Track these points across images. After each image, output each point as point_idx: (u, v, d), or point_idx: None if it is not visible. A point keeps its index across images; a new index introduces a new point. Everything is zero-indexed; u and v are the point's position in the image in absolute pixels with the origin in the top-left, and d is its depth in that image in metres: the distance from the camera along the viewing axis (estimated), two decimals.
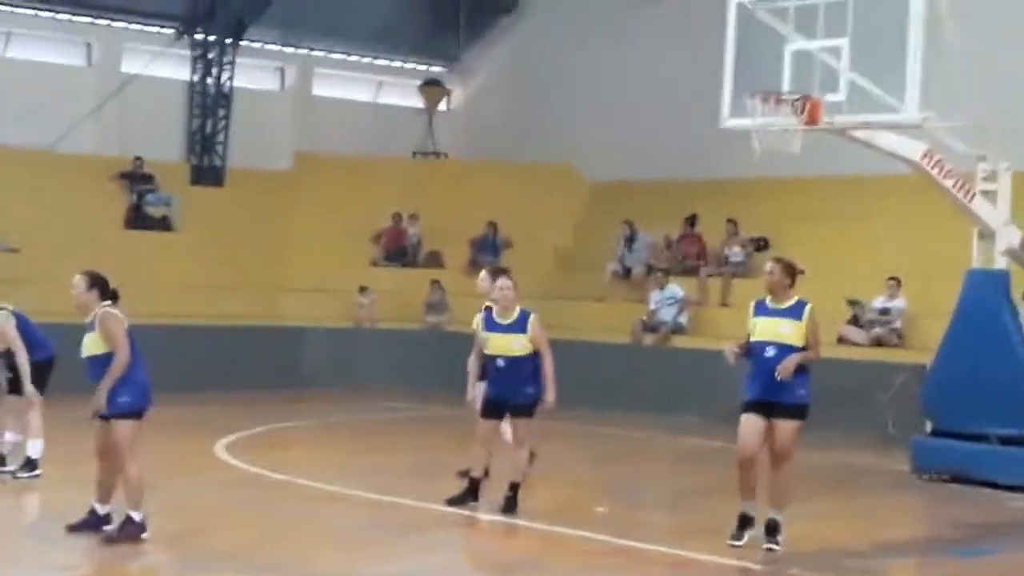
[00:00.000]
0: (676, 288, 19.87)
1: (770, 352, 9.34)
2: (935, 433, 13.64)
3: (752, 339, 9.46)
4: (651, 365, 19.21)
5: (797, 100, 11.63)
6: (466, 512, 10.65)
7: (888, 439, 15.46)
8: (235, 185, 23.39)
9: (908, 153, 12.48)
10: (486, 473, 10.88)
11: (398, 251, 23.13)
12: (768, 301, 9.55)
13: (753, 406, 9.41)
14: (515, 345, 10.53)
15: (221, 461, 13.17)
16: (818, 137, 12.62)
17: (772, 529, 9.50)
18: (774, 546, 9.44)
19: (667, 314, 19.66)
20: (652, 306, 19.80)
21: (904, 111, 11.51)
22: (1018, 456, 13.01)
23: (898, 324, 17.50)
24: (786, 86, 11.93)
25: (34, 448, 11.44)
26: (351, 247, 22.84)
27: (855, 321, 17.80)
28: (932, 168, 12.50)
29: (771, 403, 9.37)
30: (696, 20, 19.92)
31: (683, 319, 19.66)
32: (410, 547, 9.56)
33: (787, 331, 9.35)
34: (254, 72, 24.78)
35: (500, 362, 10.58)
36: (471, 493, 10.79)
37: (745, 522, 9.49)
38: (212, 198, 22.91)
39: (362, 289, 21.55)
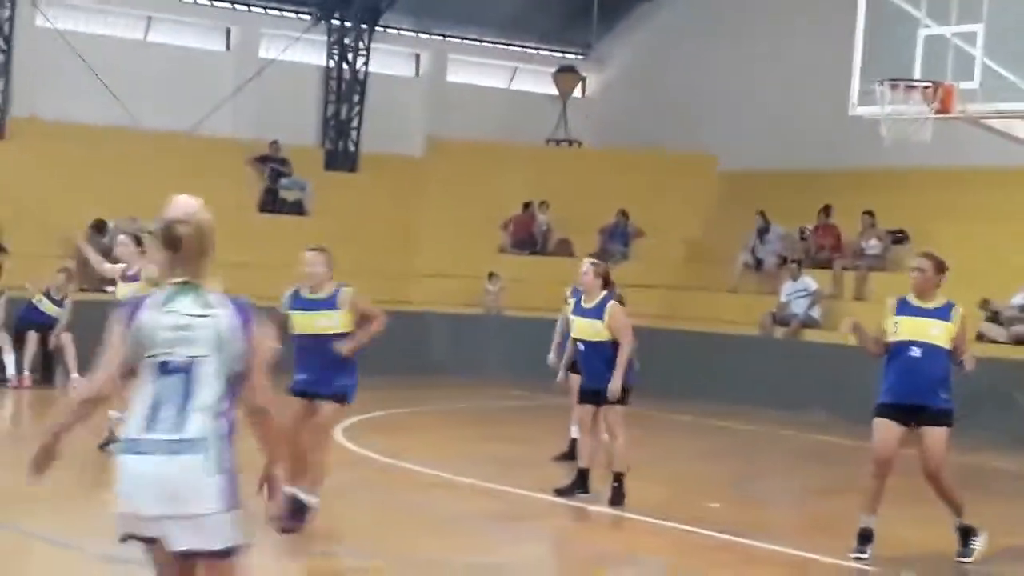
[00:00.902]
0: (809, 280, 19.44)
1: (916, 352, 8.77)
2: None
3: (894, 339, 8.85)
4: (780, 358, 18.82)
5: (928, 87, 11.22)
6: (575, 503, 10.51)
7: None
8: (368, 170, 23.57)
9: None
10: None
11: (527, 239, 23.05)
12: (912, 299, 8.99)
13: (893, 409, 8.84)
14: (594, 330, 10.43)
15: (337, 444, 13.22)
16: (957, 126, 12.20)
17: (965, 534, 9.08)
18: (969, 557, 9.01)
19: (799, 307, 19.25)
20: (783, 298, 19.41)
21: None
22: None
23: None
24: (917, 73, 11.53)
25: None
26: (480, 233, 22.84)
27: (995, 319, 17.20)
28: None
29: (917, 407, 8.80)
30: (827, 5, 19.45)
31: (815, 312, 19.23)
32: (513, 537, 9.47)
33: (936, 332, 8.80)
34: (389, 58, 24.92)
35: (580, 346, 10.59)
36: (580, 484, 10.65)
37: (866, 537, 8.94)
38: (345, 183, 23.11)
39: (491, 276, 21.53)
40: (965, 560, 9.01)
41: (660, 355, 16.84)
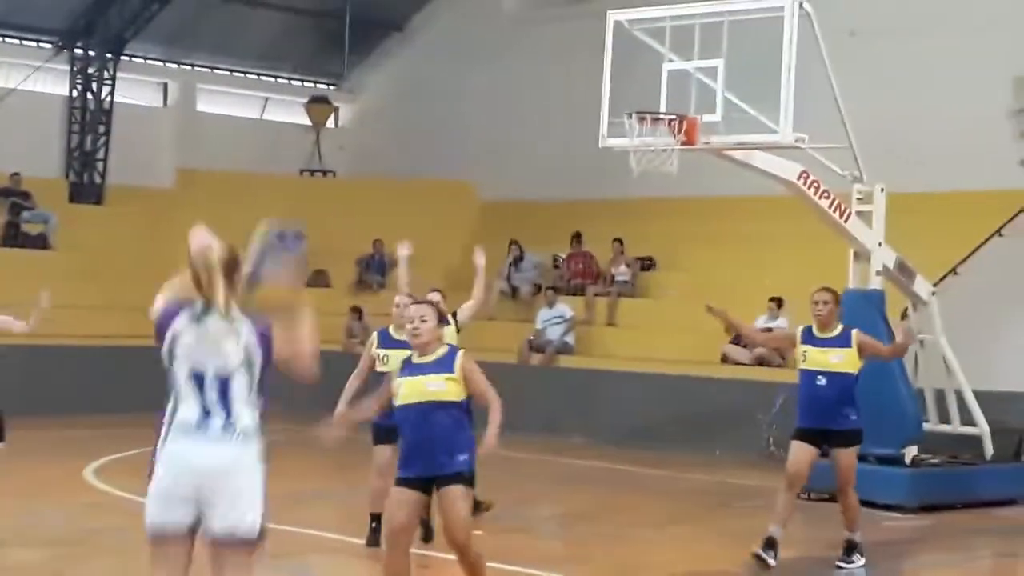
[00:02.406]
0: (564, 307, 19.84)
1: (821, 381, 9.68)
2: None
3: (803, 366, 9.79)
4: (537, 385, 19.13)
5: (673, 120, 11.64)
6: (340, 537, 10.44)
7: (770, 458, 15.52)
8: (115, 203, 22.92)
9: (784, 174, 12.54)
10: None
11: None
12: (815, 330, 9.86)
13: (805, 432, 9.73)
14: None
15: (88, 484, 12.80)
16: (701, 158, 12.67)
17: (850, 549, 9.92)
18: (848, 565, 9.84)
19: (554, 333, 19.62)
20: (539, 325, 19.75)
21: (779, 132, 11.57)
22: (895, 475, 13.13)
23: None
24: (663, 106, 11.94)
25: None
26: None
27: (738, 341, 17.88)
28: (808, 189, 12.58)
29: (824, 431, 9.67)
30: (577, 39, 19.95)
31: (570, 338, 19.63)
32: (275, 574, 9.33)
33: (837, 360, 9.69)
34: (136, 87, 24.33)
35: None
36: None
37: (771, 544, 9.57)
38: (91, 216, 22.41)
39: None
40: (844, 566, 9.90)
41: None
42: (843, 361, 9.71)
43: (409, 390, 7.23)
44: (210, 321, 5.26)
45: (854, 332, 9.84)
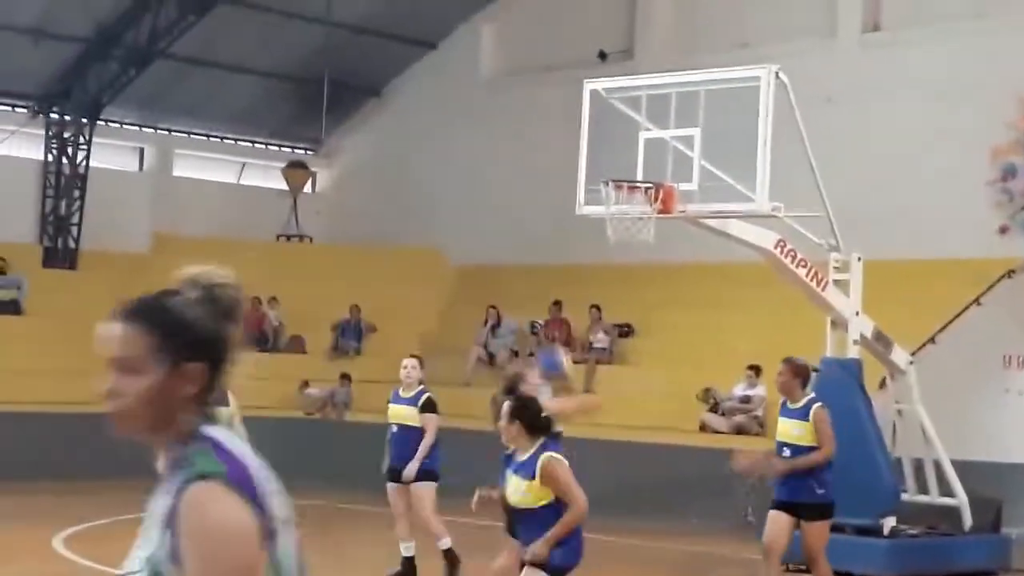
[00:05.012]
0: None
1: (786, 453, 9.81)
2: None
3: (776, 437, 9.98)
4: None
5: (650, 188, 11.62)
6: None
7: (747, 527, 15.36)
8: (89, 267, 22.76)
9: (761, 242, 12.51)
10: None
11: (258, 335, 22.65)
12: (787, 401, 9.99)
13: (779, 504, 9.90)
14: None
15: (56, 554, 12.56)
16: (678, 225, 12.63)
17: None
18: None
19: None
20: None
21: (755, 201, 11.55)
22: (873, 546, 13.00)
23: (759, 412, 17.51)
24: (640, 174, 11.92)
25: None
26: None
27: (715, 409, 17.81)
28: (785, 257, 12.54)
29: (794, 504, 9.77)
30: (554, 106, 20.02)
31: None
32: None
33: (798, 433, 9.79)
34: (112, 152, 24.26)
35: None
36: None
37: None
38: (64, 280, 22.25)
39: None
40: None
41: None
42: (803, 434, 9.74)
43: None
44: None
45: (814, 407, 9.78)
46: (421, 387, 11.83)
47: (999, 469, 16.06)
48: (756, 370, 17.55)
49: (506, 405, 7.48)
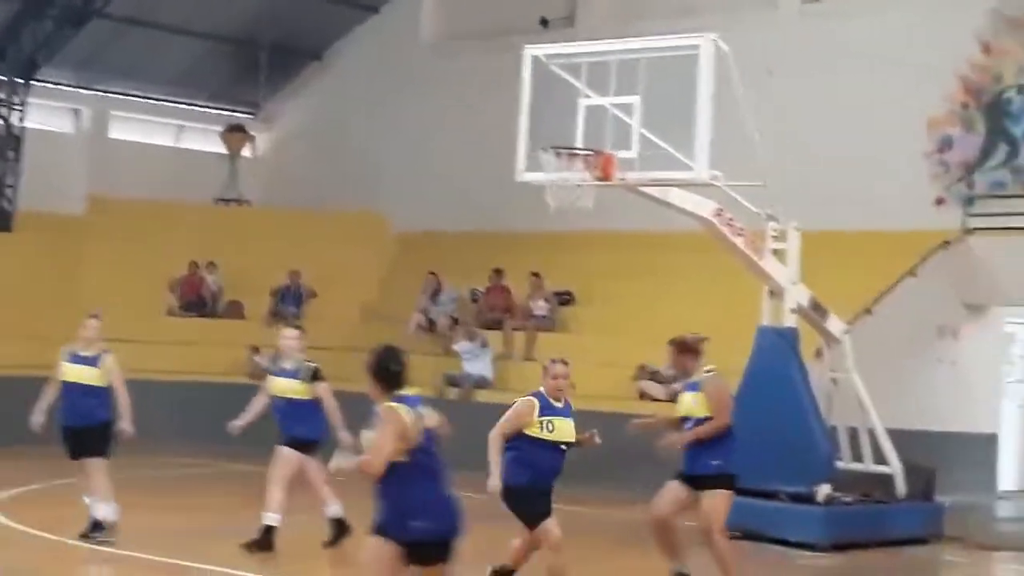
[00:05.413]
0: (483, 340, 19.74)
1: (688, 425, 9.71)
2: None
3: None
4: (455, 419, 18.92)
5: (589, 155, 11.60)
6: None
7: None
8: (25, 230, 22.40)
9: (699, 211, 12.55)
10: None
11: (196, 301, 22.47)
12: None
13: (677, 476, 9.80)
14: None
15: None
16: (618, 193, 12.64)
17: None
18: None
19: (472, 367, 19.49)
20: (460, 352, 19.61)
21: (694, 169, 11.57)
22: (808, 513, 13.14)
23: None
24: (579, 141, 11.90)
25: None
26: (147, 296, 22.09)
27: (656, 376, 17.88)
28: (723, 226, 12.60)
29: (689, 476, 9.70)
30: (495, 72, 19.91)
31: (488, 373, 19.50)
32: None
33: (694, 404, 9.70)
34: (47, 113, 23.90)
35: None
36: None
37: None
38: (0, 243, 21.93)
39: None
40: None
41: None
42: (698, 406, 9.67)
43: None
44: None
45: (706, 377, 9.75)
46: (302, 358, 11.57)
47: (932, 438, 16.30)
48: None
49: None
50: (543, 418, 9.22)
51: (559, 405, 9.34)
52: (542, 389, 9.32)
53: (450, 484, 6.58)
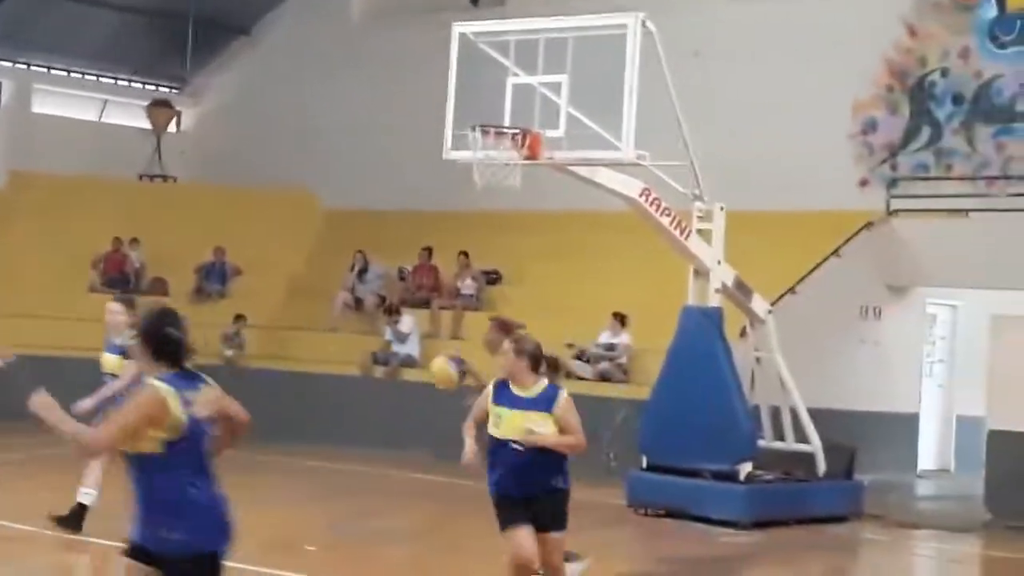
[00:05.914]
0: (410, 320, 19.68)
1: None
2: (650, 468, 13.78)
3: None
4: (381, 398, 18.94)
5: (517, 134, 11.59)
6: None
7: (610, 473, 15.57)
8: None
9: (626, 190, 12.60)
10: None
11: (119, 277, 22.19)
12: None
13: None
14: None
15: None
16: (546, 172, 12.65)
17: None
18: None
19: (399, 347, 19.44)
20: (388, 337, 19.54)
21: (621, 149, 11.61)
22: (730, 491, 13.27)
23: (623, 360, 17.69)
24: (507, 120, 11.89)
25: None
26: (69, 272, 21.78)
27: (581, 356, 17.94)
28: (650, 206, 12.65)
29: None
30: (424, 49, 19.84)
31: (415, 352, 19.47)
32: None
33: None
34: None
35: None
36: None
37: None
38: None
39: None
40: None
41: (260, 395, 16.54)
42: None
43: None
44: None
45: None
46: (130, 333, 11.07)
47: (854, 417, 16.51)
48: (621, 318, 17.70)
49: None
50: (494, 407, 7.75)
51: (520, 392, 7.71)
52: None
53: (218, 485, 5.33)
